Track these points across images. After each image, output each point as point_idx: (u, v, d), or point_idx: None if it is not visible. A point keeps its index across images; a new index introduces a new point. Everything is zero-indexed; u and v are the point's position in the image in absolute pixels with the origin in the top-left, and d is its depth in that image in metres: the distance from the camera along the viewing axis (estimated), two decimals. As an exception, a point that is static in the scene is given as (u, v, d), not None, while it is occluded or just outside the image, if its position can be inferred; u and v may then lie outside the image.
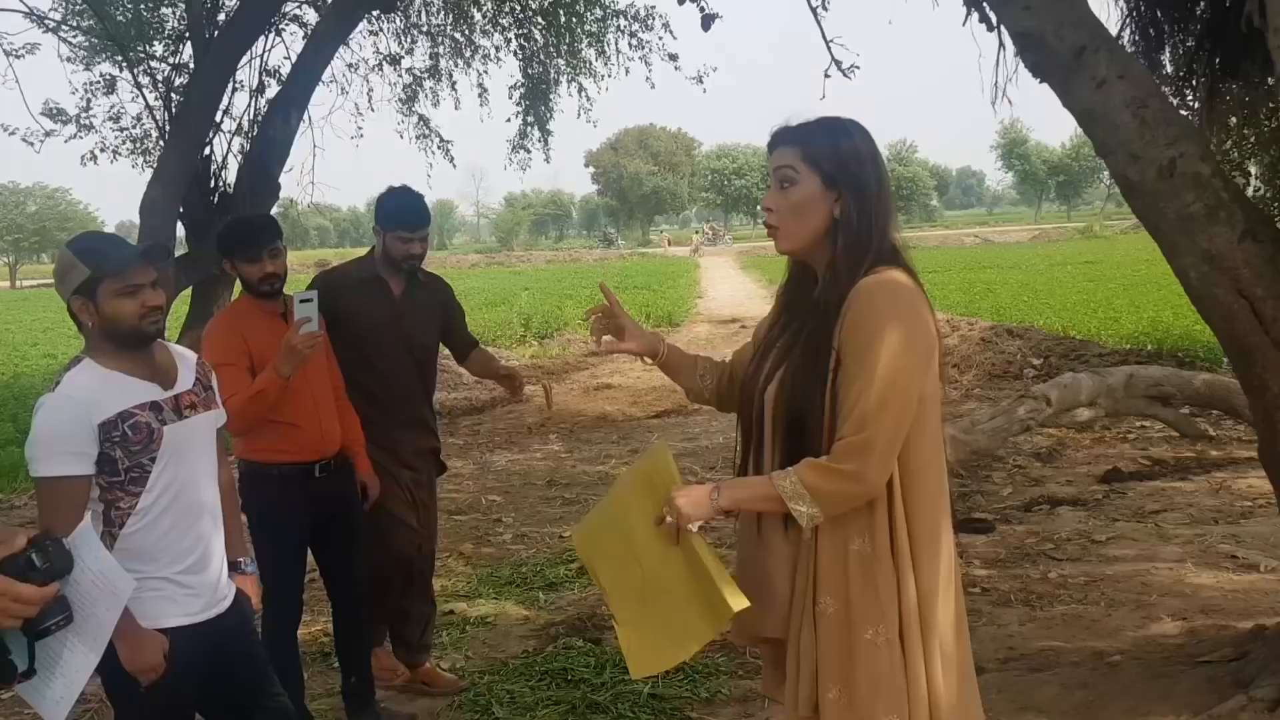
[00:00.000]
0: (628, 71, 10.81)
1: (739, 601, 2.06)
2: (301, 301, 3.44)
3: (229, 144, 8.70)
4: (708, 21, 9.87)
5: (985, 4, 3.59)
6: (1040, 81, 3.34)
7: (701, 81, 10.65)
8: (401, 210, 4.03)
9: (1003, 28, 3.60)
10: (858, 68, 9.69)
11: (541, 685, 4.17)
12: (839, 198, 2.12)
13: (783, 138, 2.18)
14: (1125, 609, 4.57)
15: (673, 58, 10.61)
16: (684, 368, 2.50)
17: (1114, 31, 3.54)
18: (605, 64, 10.99)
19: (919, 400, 2.07)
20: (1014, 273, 28.19)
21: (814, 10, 9.35)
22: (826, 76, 9.61)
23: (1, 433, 10.54)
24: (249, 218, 4.01)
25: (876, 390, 2.00)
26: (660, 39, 10.68)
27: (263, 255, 3.60)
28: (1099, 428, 8.51)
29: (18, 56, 9.02)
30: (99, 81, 9.34)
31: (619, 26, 10.72)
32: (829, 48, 9.49)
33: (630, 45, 10.72)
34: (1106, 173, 3.60)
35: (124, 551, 2.45)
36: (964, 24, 3.76)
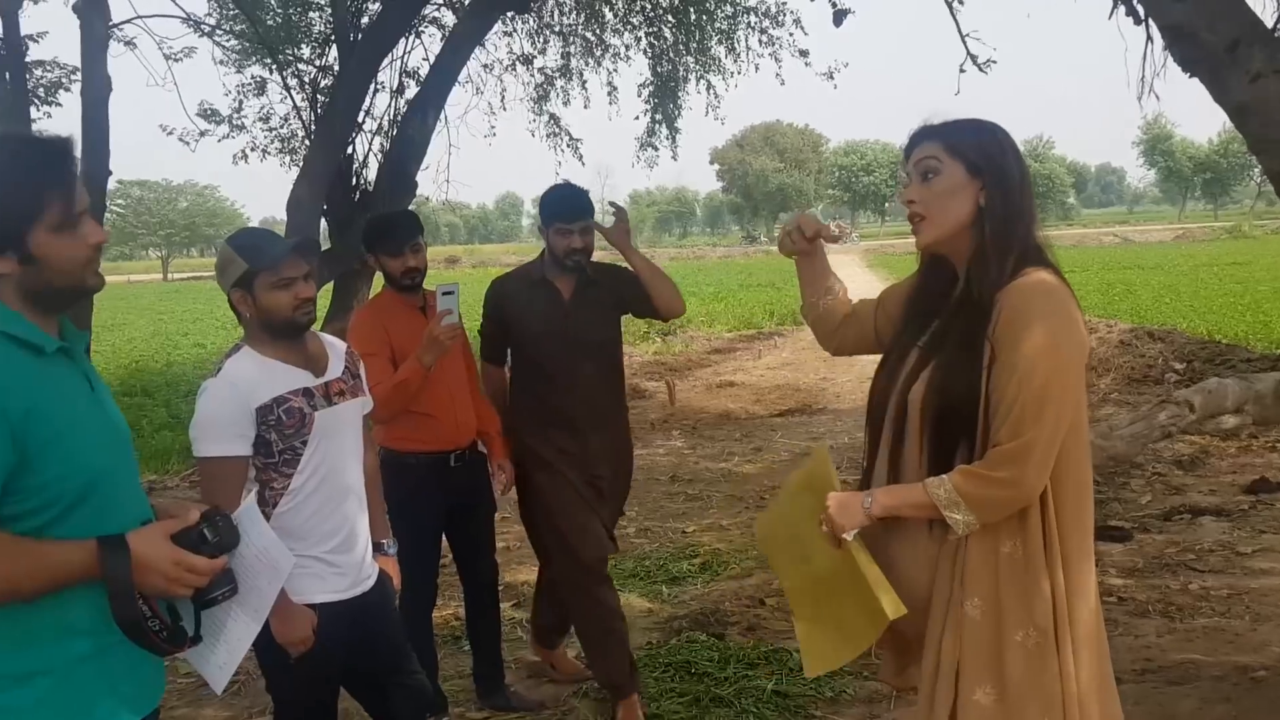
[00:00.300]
0: (757, 68, 10.82)
1: (896, 609, 2.08)
2: (444, 294, 3.51)
3: (370, 143, 9.05)
4: (840, 17, 9.80)
5: (1134, -2, 3.50)
6: (1190, 76, 3.24)
7: (832, 77, 10.60)
8: (558, 201, 3.84)
9: (1150, 21, 3.50)
10: (994, 62, 9.50)
11: (665, 677, 4.22)
12: (983, 186, 2.12)
13: (924, 134, 2.19)
14: (1272, 623, 4.39)
15: (803, 54, 10.56)
16: (819, 277, 2.54)
17: (1269, 24, 3.40)
18: (735, 61, 11.00)
19: (1075, 398, 2.05)
20: (1156, 274, 27.12)
21: (950, 4, 9.19)
22: (961, 71, 9.46)
23: (155, 418, 11.13)
24: (393, 214, 4.10)
25: (1034, 395, 1.98)
26: (791, 35, 10.64)
27: (405, 249, 3.71)
28: (1245, 436, 8.14)
29: (176, 60, 9.55)
30: (250, 83, 9.81)
31: (750, 23, 10.73)
32: (964, 42, 9.34)
33: (760, 42, 10.72)
34: (1258, 170, 3.48)
35: (276, 530, 2.59)
36: (1109, 17, 3.66)
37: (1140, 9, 3.55)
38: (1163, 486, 6.99)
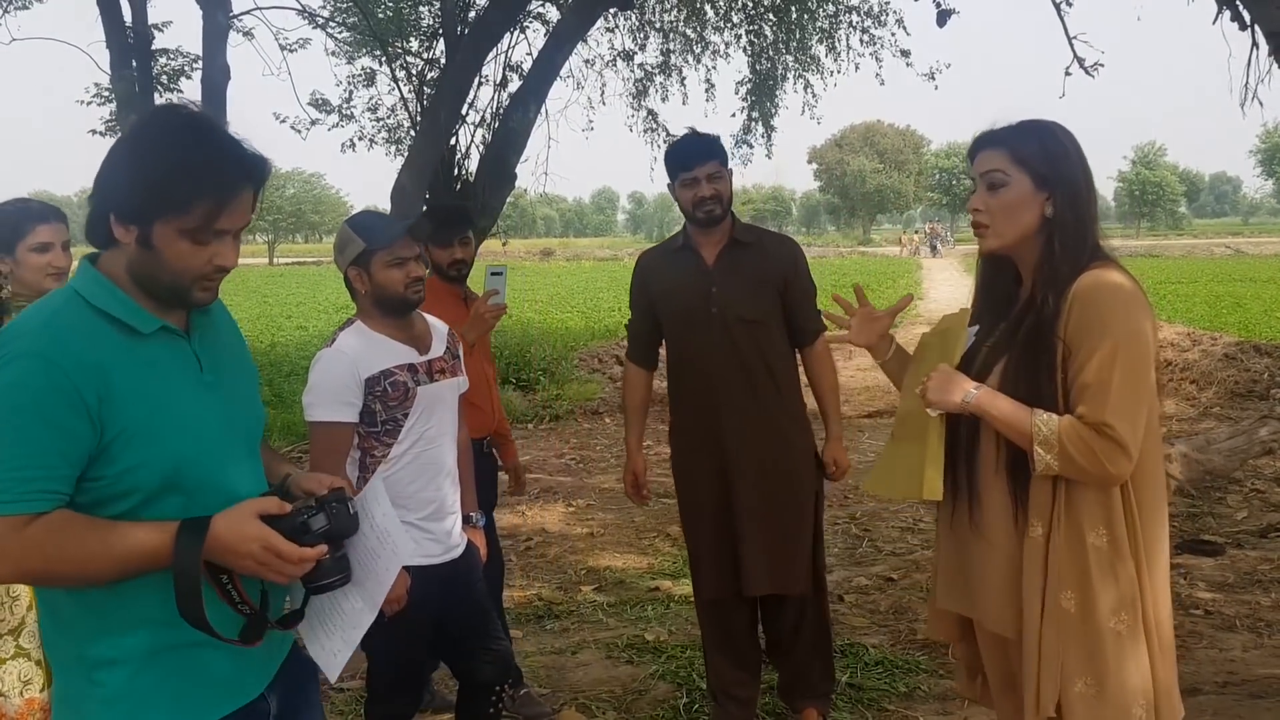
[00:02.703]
0: (857, 68, 10.79)
1: (933, 492, 2.22)
2: (492, 274, 3.56)
3: (472, 135, 9.28)
4: (943, 17, 9.73)
5: (1239, 2, 3.45)
6: (1295, 83, 3.19)
7: (934, 78, 10.51)
8: (678, 149, 3.44)
9: (1256, 26, 3.45)
10: (1101, 65, 9.33)
11: (741, 664, 4.28)
12: (1049, 197, 2.16)
13: (987, 141, 2.23)
14: (1364, 645, 4.28)
15: (904, 54, 10.49)
16: (903, 368, 2.56)
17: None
18: (835, 60, 10.99)
19: (1150, 393, 2.09)
20: (1269, 287, 26.11)
21: (1057, 6, 9.06)
22: (1068, 74, 9.31)
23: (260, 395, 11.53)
24: (447, 206, 4.16)
25: (1122, 389, 2.02)
26: (893, 35, 10.59)
27: (454, 242, 3.79)
28: (1353, 456, 7.87)
29: (290, 51, 9.92)
30: (360, 75, 10.13)
31: (851, 23, 10.70)
32: (1071, 45, 9.19)
33: (861, 41, 10.68)
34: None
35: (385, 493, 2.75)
36: (1214, 23, 3.62)
37: (1246, 14, 3.51)
38: (1261, 503, 6.81)
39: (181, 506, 1.66)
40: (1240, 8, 3.52)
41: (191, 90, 8.78)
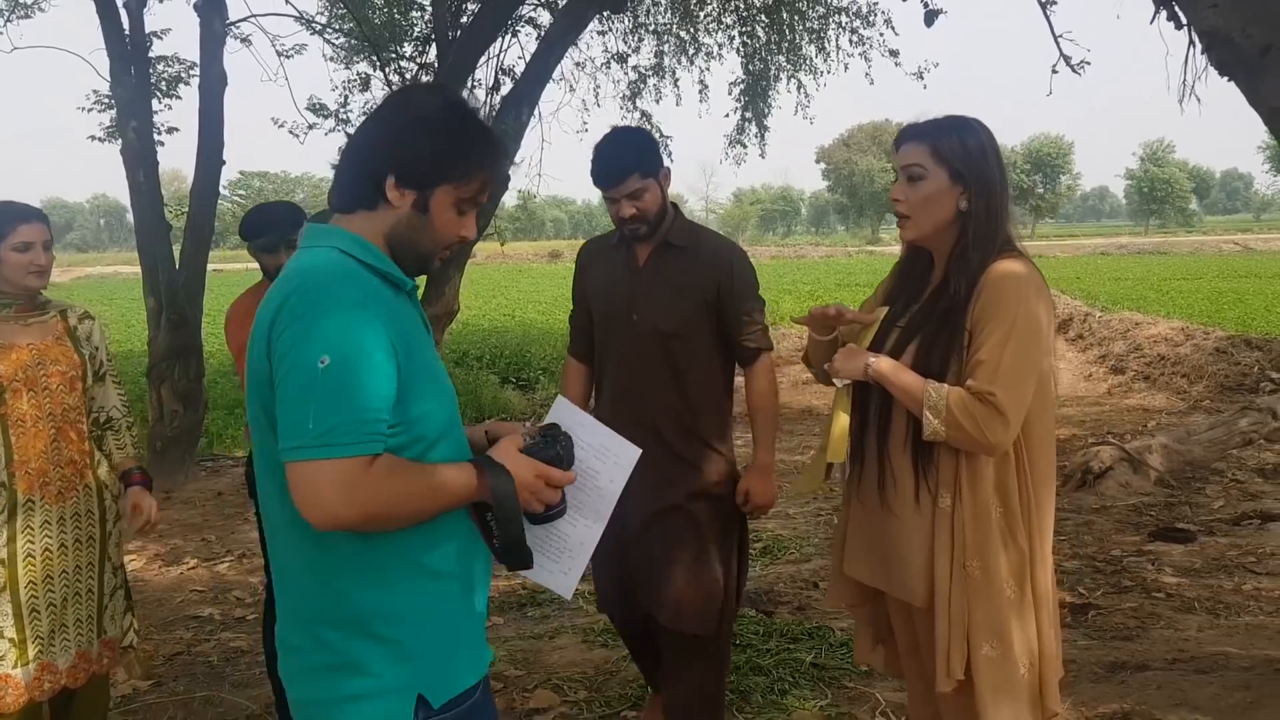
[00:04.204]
0: (846, 68, 10.91)
1: (836, 454, 2.39)
2: None
3: (465, 138, 9.39)
4: (931, 17, 9.84)
5: (1174, 2, 3.57)
6: (1228, 80, 3.32)
7: (922, 77, 10.63)
8: (593, 166, 3.07)
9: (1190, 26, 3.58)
10: (1088, 64, 9.43)
11: (712, 648, 4.42)
12: (965, 191, 2.30)
13: (910, 135, 2.36)
14: (1320, 625, 4.40)
15: (893, 54, 10.61)
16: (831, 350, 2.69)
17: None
18: (825, 60, 11.11)
19: (1041, 375, 2.24)
20: (1273, 283, 26.11)
21: (1043, 5, 9.17)
22: (1054, 72, 9.42)
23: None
24: (273, 207, 3.82)
25: (1010, 365, 2.17)
26: (881, 35, 10.71)
27: (280, 245, 3.57)
28: (1336, 446, 7.97)
29: (288, 56, 10.09)
30: (356, 79, 10.28)
31: (840, 23, 10.82)
32: (1057, 43, 9.30)
33: (851, 42, 10.80)
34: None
35: None
36: (1152, 22, 3.74)
37: (1181, 14, 3.63)
38: (1239, 493, 6.92)
39: (449, 453, 1.73)
40: (1175, 8, 3.64)
41: (190, 96, 8.94)
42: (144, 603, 5.24)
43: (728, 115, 11.87)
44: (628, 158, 3.04)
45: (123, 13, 8.26)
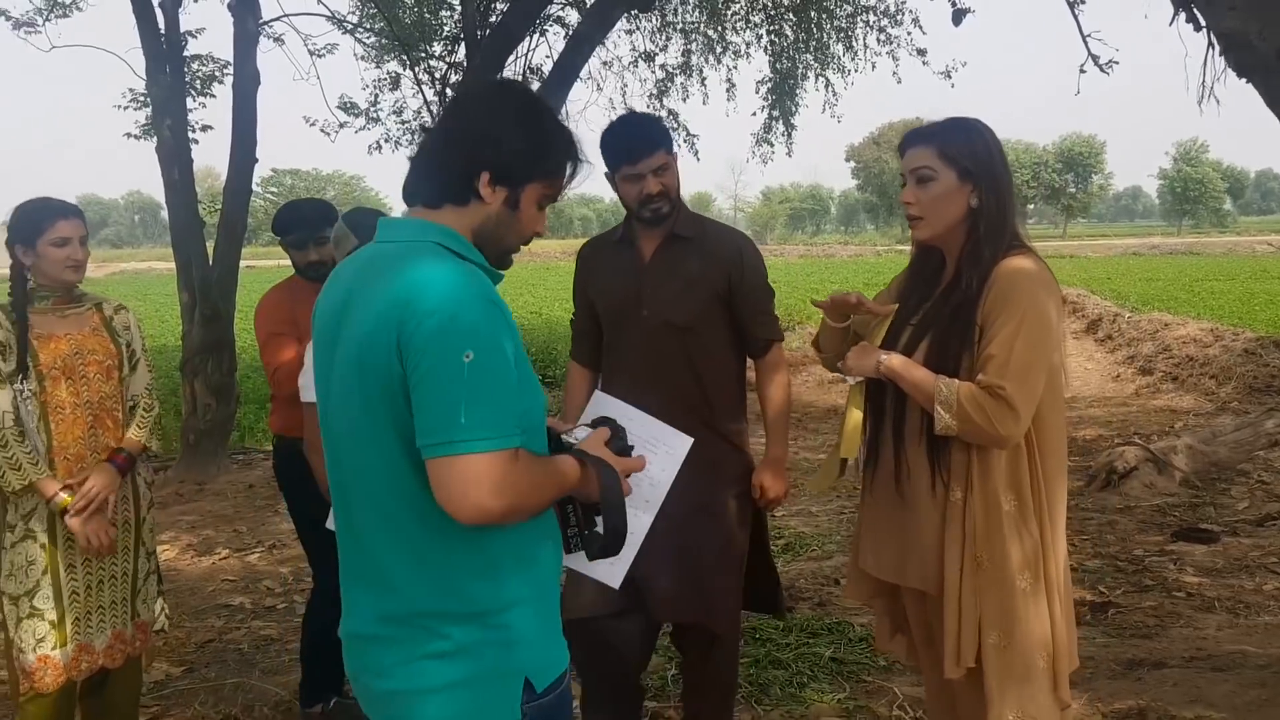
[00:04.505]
0: (874, 67, 10.91)
1: (849, 450, 2.43)
2: None
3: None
4: (959, 16, 9.83)
5: (1193, 5, 3.59)
6: (1245, 81, 3.34)
7: (949, 76, 10.63)
8: (616, 138, 2.97)
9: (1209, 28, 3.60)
10: (1116, 63, 9.40)
11: (732, 641, 4.48)
12: (974, 189, 2.34)
13: (916, 138, 2.42)
14: (1342, 626, 4.39)
15: (920, 53, 10.61)
16: (842, 337, 2.72)
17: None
18: (853, 59, 11.12)
19: (1051, 369, 2.28)
20: (1309, 284, 25.83)
21: (1071, 5, 9.15)
22: (1082, 72, 9.40)
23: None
24: (304, 205, 3.89)
25: (1020, 359, 2.22)
26: (909, 34, 10.71)
27: (308, 244, 3.66)
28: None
29: (319, 56, 10.22)
30: (386, 78, 10.40)
31: (868, 22, 10.83)
32: (1085, 43, 9.28)
33: (878, 40, 10.80)
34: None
35: None
36: (1170, 24, 3.75)
37: (1200, 16, 3.64)
38: (1263, 494, 6.88)
39: (541, 446, 1.75)
40: (1195, 10, 3.66)
41: (224, 95, 9.08)
42: (176, 591, 5.36)
43: (755, 114, 11.91)
44: (656, 131, 3.00)
45: (158, 12, 8.41)
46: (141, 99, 9.32)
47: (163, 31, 8.42)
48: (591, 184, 1.93)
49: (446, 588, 1.67)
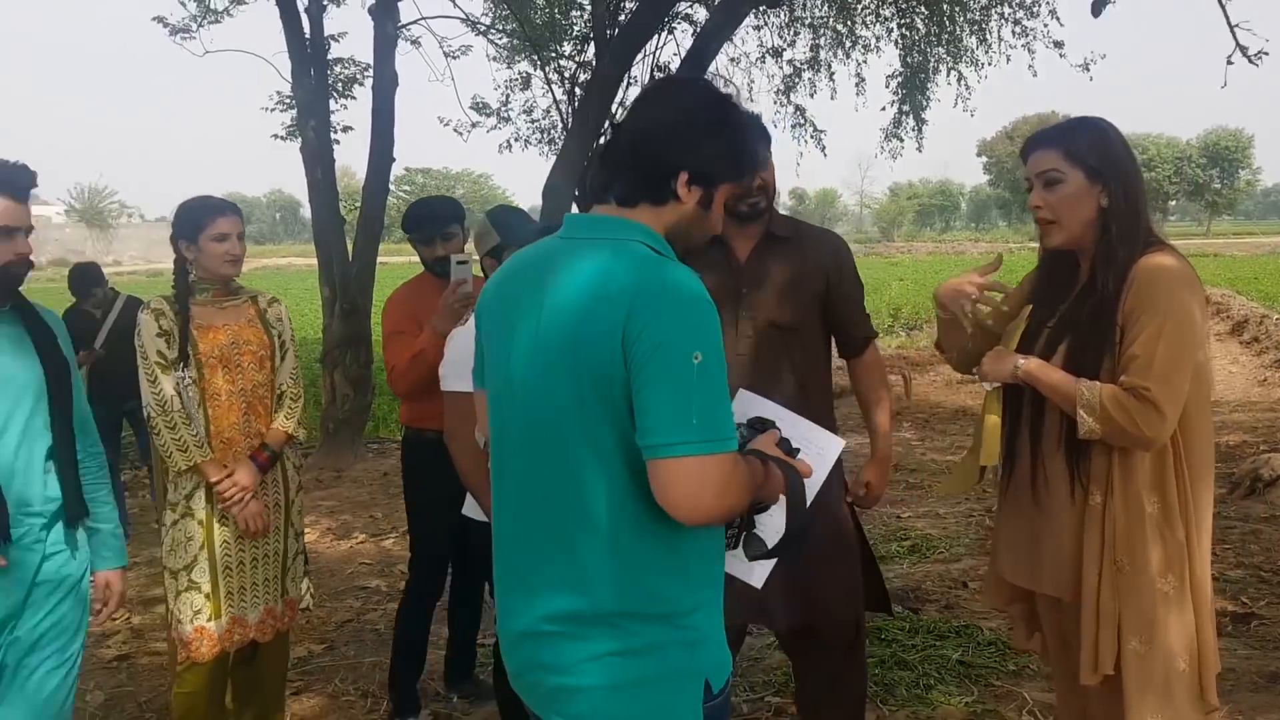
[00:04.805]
0: (1008, 59, 10.64)
1: (990, 458, 2.40)
2: (458, 264, 3.42)
3: (621, 133, 9.60)
4: (1098, 6, 9.51)
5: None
6: None
7: (1088, 69, 10.28)
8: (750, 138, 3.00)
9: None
10: (1266, 54, 9.00)
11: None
12: (1103, 188, 2.30)
13: (1039, 142, 2.38)
14: None
15: (1058, 45, 10.30)
16: (961, 329, 2.66)
17: None
18: (986, 52, 10.87)
19: (1196, 368, 2.23)
20: None
21: (1220, -8, 8.80)
22: (1229, 63, 9.02)
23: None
24: (432, 201, 3.96)
25: (1164, 359, 2.17)
26: (1045, 26, 10.41)
27: (435, 239, 3.70)
28: None
29: (454, 57, 10.50)
30: (517, 79, 10.62)
31: (1003, 14, 10.57)
32: (1233, 33, 8.90)
33: (1013, 33, 10.54)
34: None
35: None
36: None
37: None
38: None
39: None
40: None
41: (363, 96, 9.41)
42: (317, 573, 5.60)
43: (884, 108, 11.75)
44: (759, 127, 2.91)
45: (304, 17, 8.76)
46: (287, 101, 9.72)
47: (307, 36, 8.77)
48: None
49: (640, 588, 1.67)
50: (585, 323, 1.62)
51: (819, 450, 1.97)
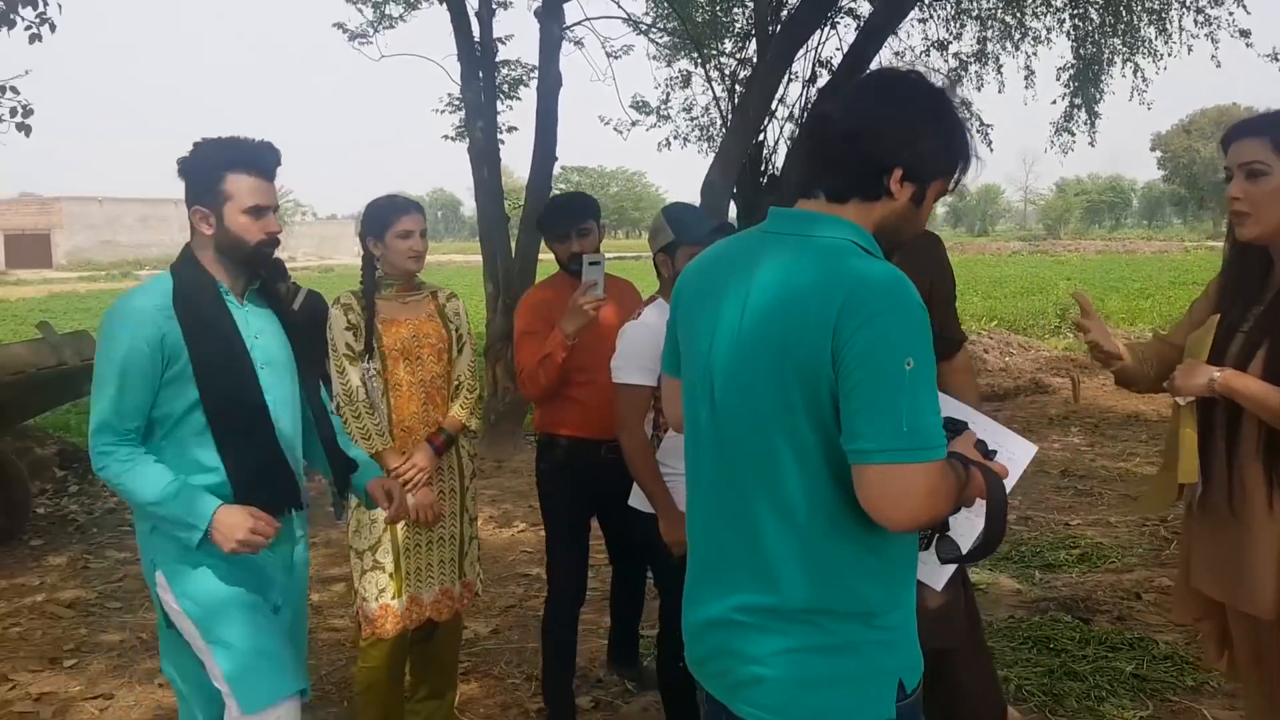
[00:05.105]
0: (1190, 50, 10.13)
1: (1189, 475, 2.29)
2: (590, 264, 3.38)
3: (780, 130, 9.59)
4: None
5: None
6: None
7: (1278, 59, 9.69)
8: None
9: None
10: None
11: (1023, 648, 4.34)
12: None
13: (1245, 130, 2.27)
14: None
15: (1244, 34, 9.76)
16: (1134, 366, 2.59)
17: None
18: (1166, 43, 10.38)
19: None
20: None
21: None
22: None
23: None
24: (567, 197, 3.94)
25: None
26: (1231, 15, 9.87)
27: (571, 235, 3.63)
28: None
29: (615, 57, 10.65)
30: (677, 77, 10.72)
31: (1184, 3, 10.07)
32: None
33: (1196, 23, 10.03)
34: None
35: (666, 451, 3.11)
36: None
37: None
38: None
39: None
40: None
41: (528, 97, 9.64)
42: (481, 558, 5.78)
43: (1055, 102, 11.35)
44: None
45: (474, 21, 9.04)
46: (457, 103, 10.05)
47: (477, 40, 9.04)
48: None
49: (838, 586, 1.67)
50: (793, 321, 1.62)
51: (1010, 454, 1.91)
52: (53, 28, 8.26)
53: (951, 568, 1.96)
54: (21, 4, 8.01)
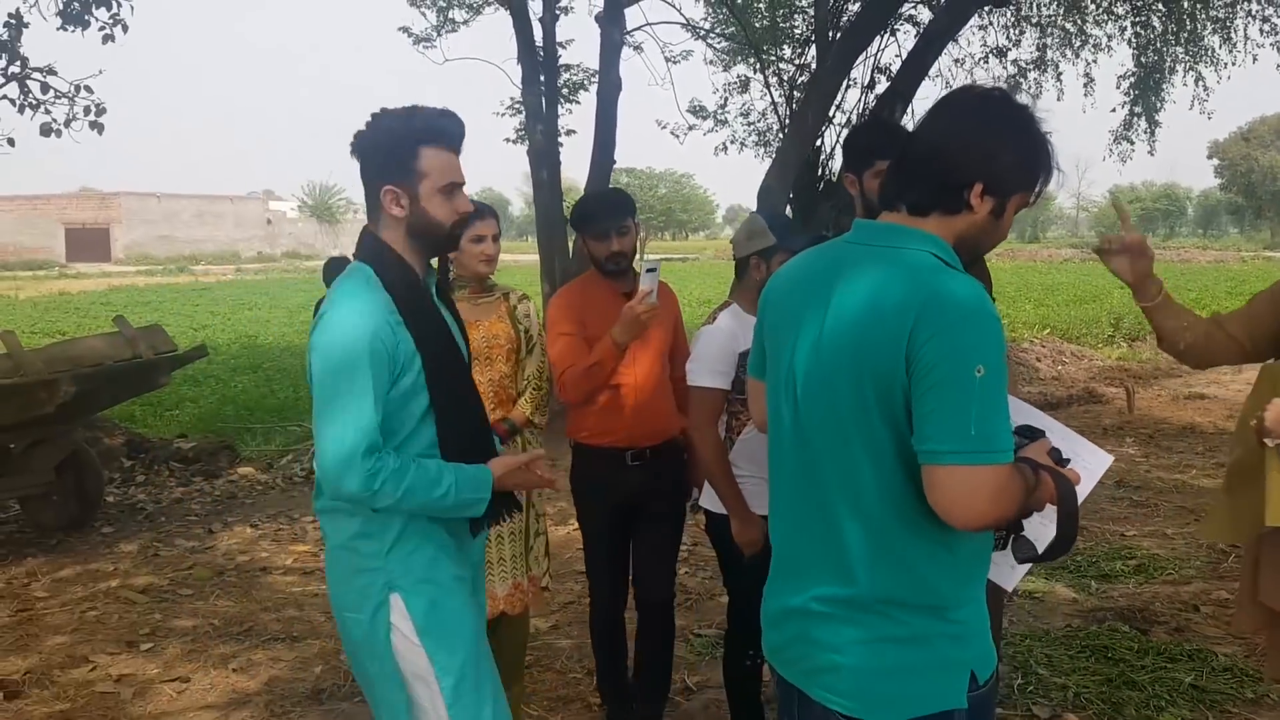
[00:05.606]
0: (1255, 59, 10.02)
1: (1275, 518, 2.28)
2: (647, 271, 3.32)
3: (838, 135, 9.60)
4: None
5: None
6: None
7: (1346, 67, 9.55)
8: None
9: None
10: None
11: (1080, 657, 4.36)
12: None
13: None
14: None
15: (1312, 42, 9.65)
16: (1172, 314, 2.61)
17: None
18: (1230, 51, 10.28)
19: None
20: None
21: None
22: None
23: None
24: (604, 194, 3.86)
25: None
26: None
27: (610, 233, 3.49)
28: None
29: (674, 62, 10.73)
30: (735, 82, 10.79)
31: (1250, 11, 9.96)
32: None
33: (1261, 31, 9.93)
34: None
35: (738, 453, 3.18)
36: None
37: None
38: None
39: None
40: None
41: (588, 101, 9.74)
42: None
43: (1114, 110, 11.27)
44: None
45: (536, 26, 9.17)
46: (517, 106, 10.19)
47: (539, 44, 9.17)
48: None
49: (912, 580, 1.74)
50: (871, 329, 1.69)
51: (1085, 464, 1.95)
52: (125, 28, 8.49)
53: (1023, 571, 2.00)
54: (95, 4, 8.25)
